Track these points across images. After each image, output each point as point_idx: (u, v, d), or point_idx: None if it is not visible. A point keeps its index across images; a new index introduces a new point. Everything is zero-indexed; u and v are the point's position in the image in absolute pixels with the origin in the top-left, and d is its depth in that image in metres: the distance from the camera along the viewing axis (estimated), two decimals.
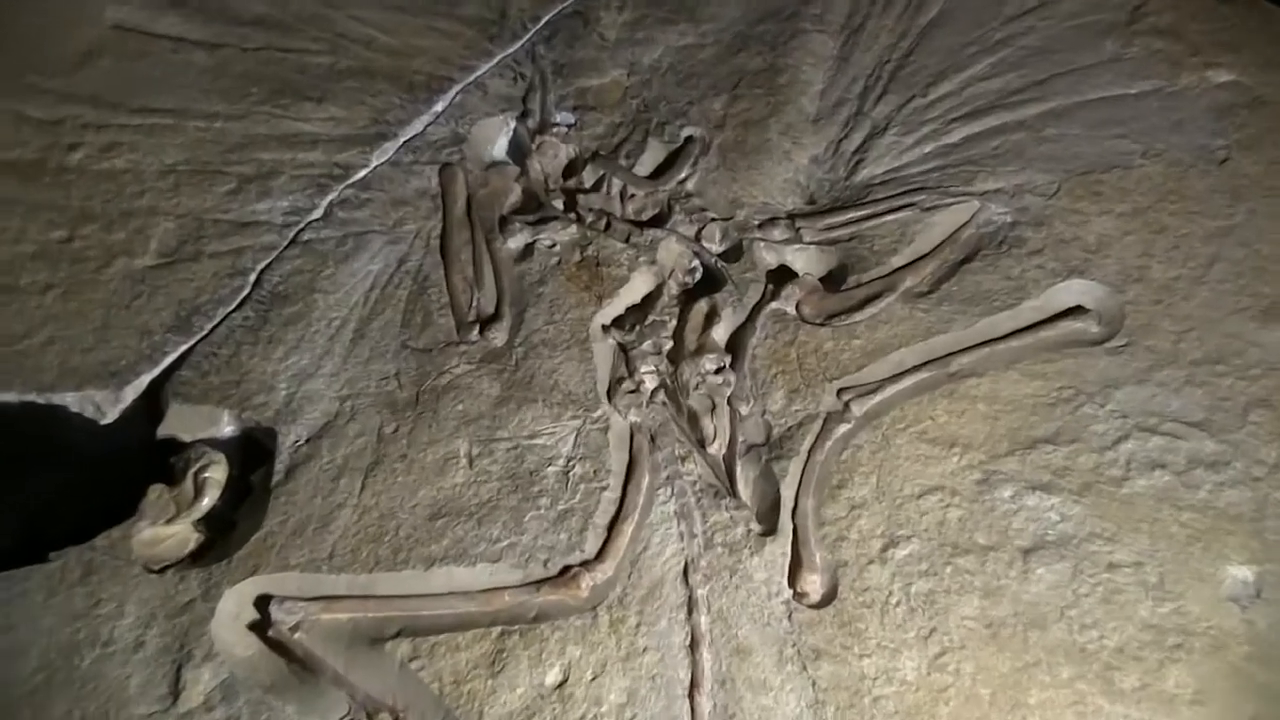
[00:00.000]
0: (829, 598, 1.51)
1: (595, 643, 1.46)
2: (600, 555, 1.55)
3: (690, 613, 1.49)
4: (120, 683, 1.42)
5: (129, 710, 1.40)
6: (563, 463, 1.64)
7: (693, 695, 1.43)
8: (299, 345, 1.76)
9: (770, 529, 1.58)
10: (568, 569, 1.53)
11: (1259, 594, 1.47)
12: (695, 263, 1.93)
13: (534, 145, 2.09)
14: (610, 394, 1.73)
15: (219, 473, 1.62)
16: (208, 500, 1.60)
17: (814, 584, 1.53)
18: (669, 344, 1.80)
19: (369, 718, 1.42)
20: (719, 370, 1.75)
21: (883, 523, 1.56)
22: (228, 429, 1.69)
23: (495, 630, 1.47)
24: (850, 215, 1.95)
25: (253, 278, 1.83)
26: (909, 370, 1.73)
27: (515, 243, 1.94)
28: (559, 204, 2.02)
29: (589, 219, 1.98)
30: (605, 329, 1.82)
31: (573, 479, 1.62)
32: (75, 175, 1.91)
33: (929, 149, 2.04)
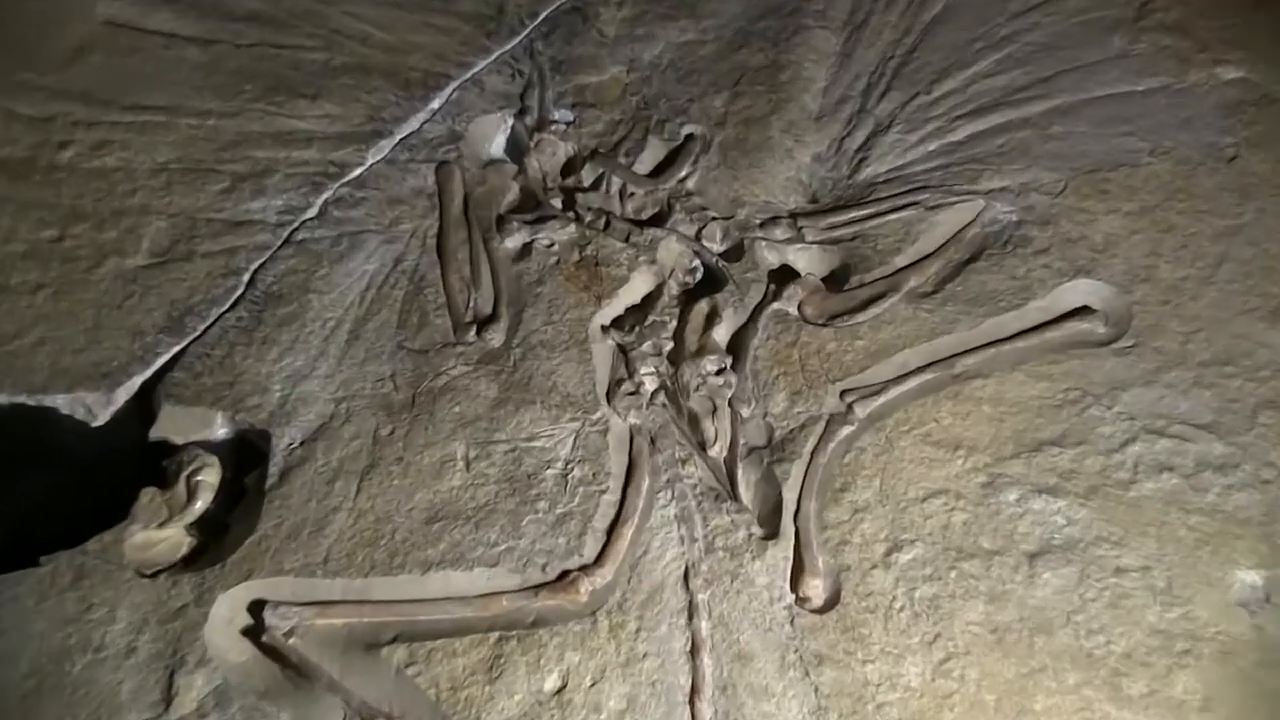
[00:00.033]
0: (832, 602, 1.50)
1: (594, 648, 1.45)
2: (599, 559, 1.54)
3: (691, 618, 1.48)
4: (112, 689, 1.41)
5: (121, 716, 1.39)
6: (561, 465, 1.62)
7: (693, 701, 1.42)
8: (293, 346, 1.74)
9: (772, 533, 1.56)
10: (566, 573, 1.52)
11: (1268, 599, 1.46)
12: (696, 262, 1.91)
13: (532, 143, 2.06)
14: (609, 396, 1.72)
15: (212, 476, 1.61)
16: (200, 504, 1.59)
17: (816, 588, 1.52)
18: (669, 345, 1.78)
19: None
20: (720, 371, 1.73)
21: (886, 526, 1.55)
22: (221, 431, 1.68)
23: (493, 636, 1.46)
24: (853, 214, 1.93)
25: (246, 278, 1.81)
26: (913, 372, 1.72)
27: (513, 242, 1.92)
28: (557, 203, 2.00)
29: (588, 218, 1.96)
30: (604, 329, 1.81)
31: (571, 482, 1.61)
32: (66, 173, 1.89)
33: (933, 147, 2.02)
